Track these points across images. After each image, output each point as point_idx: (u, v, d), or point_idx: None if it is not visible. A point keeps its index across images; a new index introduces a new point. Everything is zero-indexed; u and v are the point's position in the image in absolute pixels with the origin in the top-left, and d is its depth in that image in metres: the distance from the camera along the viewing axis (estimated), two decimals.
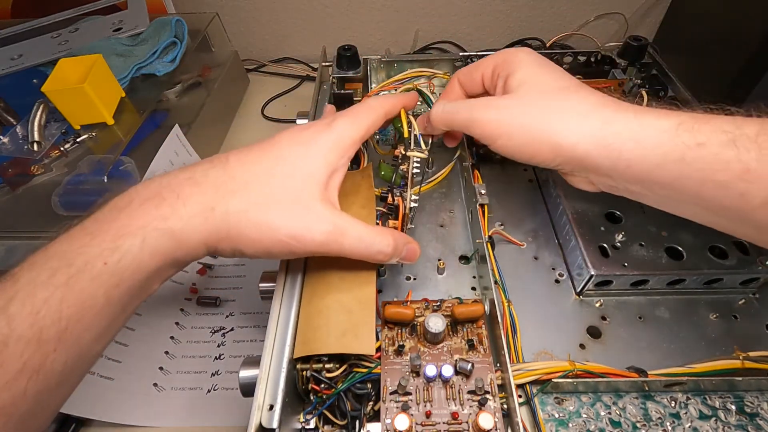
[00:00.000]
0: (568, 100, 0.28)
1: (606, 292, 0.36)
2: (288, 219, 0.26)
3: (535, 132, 0.28)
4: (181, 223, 0.24)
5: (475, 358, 0.28)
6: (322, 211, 0.27)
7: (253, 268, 0.50)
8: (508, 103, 0.30)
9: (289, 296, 0.29)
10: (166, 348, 0.44)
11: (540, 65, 0.31)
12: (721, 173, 0.23)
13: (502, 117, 0.30)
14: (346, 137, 0.29)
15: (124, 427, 0.38)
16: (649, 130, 0.26)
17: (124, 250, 0.23)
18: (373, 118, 0.31)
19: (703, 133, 0.24)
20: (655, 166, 0.25)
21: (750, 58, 0.48)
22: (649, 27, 0.70)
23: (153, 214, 0.24)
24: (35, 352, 0.20)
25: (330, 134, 0.29)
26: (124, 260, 0.23)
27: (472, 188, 0.39)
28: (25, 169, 0.48)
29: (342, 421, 0.27)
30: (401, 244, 0.29)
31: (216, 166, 0.27)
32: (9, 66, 0.58)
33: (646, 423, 0.29)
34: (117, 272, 0.22)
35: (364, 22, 0.73)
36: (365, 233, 0.27)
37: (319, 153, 0.28)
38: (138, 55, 0.57)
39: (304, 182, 0.27)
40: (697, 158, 0.24)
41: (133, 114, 0.54)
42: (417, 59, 0.49)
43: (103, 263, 0.22)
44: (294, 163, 0.27)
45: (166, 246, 0.24)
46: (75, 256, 0.22)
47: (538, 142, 0.28)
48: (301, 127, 0.30)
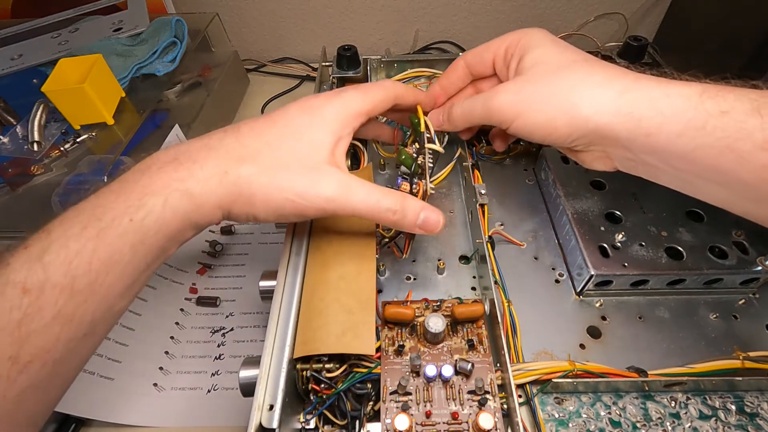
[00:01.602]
0: (583, 71, 0.28)
1: (606, 292, 0.36)
2: (295, 180, 0.27)
3: (551, 108, 0.28)
4: (198, 186, 0.26)
5: (475, 358, 0.28)
6: (329, 171, 0.28)
7: (253, 267, 0.50)
8: (521, 84, 0.30)
9: (289, 296, 0.29)
10: (166, 348, 0.44)
11: (553, 43, 0.30)
12: (742, 142, 0.23)
13: (518, 98, 0.29)
14: (351, 108, 0.30)
15: (124, 427, 0.38)
16: (672, 97, 0.25)
17: (148, 208, 0.24)
18: (382, 96, 0.32)
19: (728, 100, 0.23)
20: (675, 135, 0.24)
21: (750, 58, 0.48)
22: (649, 27, 0.70)
23: (172, 176, 0.25)
24: (68, 301, 0.22)
25: (336, 104, 0.30)
26: (149, 218, 0.24)
27: (472, 188, 0.39)
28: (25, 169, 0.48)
29: (342, 421, 0.27)
30: (412, 208, 0.29)
31: (229, 134, 0.28)
32: (9, 66, 0.58)
33: (646, 423, 0.29)
34: (142, 229, 0.24)
35: (364, 22, 0.73)
36: (373, 190, 0.28)
37: (324, 121, 0.29)
38: (138, 55, 0.57)
39: (310, 148, 0.28)
40: (719, 126, 0.23)
41: (133, 114, 0.54)
42: (417, 59, 0.49)
43: (129, 220, 0.24)
44: (300, 130, 0.29)
45: (186, 207, 0.25)
46: (103, 213, 0.23)
47: (554, 119, 0.28)
48: (310, 96, 0.31)
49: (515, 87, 0.30)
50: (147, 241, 0.24)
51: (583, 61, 0.29)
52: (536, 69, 0.30)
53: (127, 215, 0.24)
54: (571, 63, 0.29)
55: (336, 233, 0.33)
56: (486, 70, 0.35)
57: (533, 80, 0.29)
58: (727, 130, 0.23)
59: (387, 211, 0.28)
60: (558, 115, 0.28)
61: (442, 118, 0.35)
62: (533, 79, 0.29)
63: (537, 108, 0.28)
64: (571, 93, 0.27)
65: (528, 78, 0.30)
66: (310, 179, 0.27)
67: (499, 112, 0.30)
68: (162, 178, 0.25)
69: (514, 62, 0.31)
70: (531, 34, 0.31)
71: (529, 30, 0.32)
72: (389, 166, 0.45)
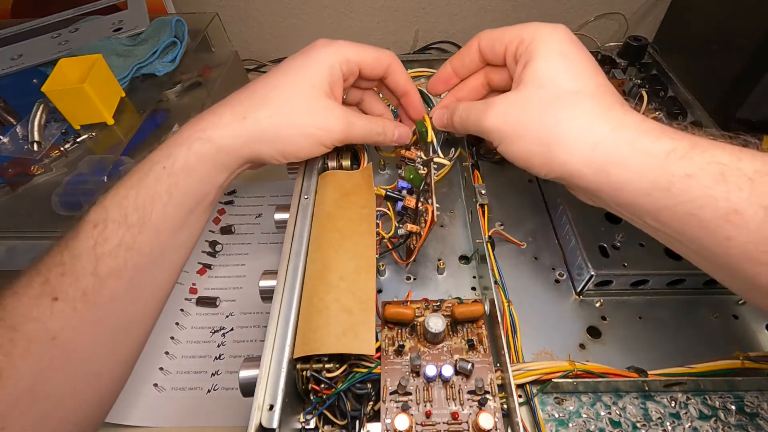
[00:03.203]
0: (572, 110, 0.27)
1: (606, 292, 0.36)
2: (312, 116, 0.32)
3: (530, 142, 0.28)
4: (218, 132, 0.30)
5: (475, 358, 0.28)
6: (334, 108, 0.33)
7: (253, 267, 0.50)
8: (511, 107, 0.29)
9: (289, 296, 0.29)
10: (166, 348, 0.44)
11: (563, 57, 0.29)
12: (705, 210, 0.21)
13: (505, 122, 0.29)
14: (341, 53, 0.33)
15: (124, 427, 0.38)
16: (638, 154, 0.24)
17: (174, 156, 0.29)
18: (374, 55, 0.35)
19: (696, 163, 0.22)
20: (643, 193, 0.24)
21: (750, 58, 0.48)
22: (649, 27, 0.70)
23: (195, 128, 0.31)
24: (126, 232, 0.27)
25: (329, 47, 0.33)
26: (177, 163, 0.29)
27: (472, 188, 0.39)
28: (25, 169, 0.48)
29: (342, 421, 0.27)
30: (390, 128, 0.36)
31: (240, 90, 0.33)
32: (9, 66, 0.58)
33: (646, 423, 0.29)
34: (173, 173, 0.29)
35: (364, 22, 0.73)
36: (366, 121, 0.35)
37: (317, 62, 0.33)
38: (138, 55, 0.57)
39: (311, 87, 0.32)
40: (684, 190, 0.22)
41: (133, 114, 0.54)
42: (417, 59, 0.50)
43: (162, 167, 0.29)
44: (299, 72, 0.33)
45: (209, 151, 0.30)
46: (143, 165, 0.29)
47: (531, 154, 0.28)
48: (307, 47, 0.35)
49: (505, 108, 0.29)
50: (180, 184, 0.29)
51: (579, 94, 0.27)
52: (531, 90, 0.29)
53: (160, 164, 0.29)
54: (567, 95, 0.28)
55: (336, 233, 0.33)
56: (497, 60, 0.33)
57: (523, 104, 0.29)
58: (692, 194, 0.22)
59: (376, 135, 0.35)
60: (535, 151, 0.28)
61: (446, 119, 0.35)
62: (524, 102, 0.29)
63: (519, 137, 0.28)
64: (551, 132, 0.27)
65: (520, 98, 0.29)
66: (323, 116, 0.32)
67: (488, 133, 0.30)
68: (187, 131, 0.31)
69: (520, 66, 0.30)
70: (545, 36, 0.29)
71: (546, 30, 0.30)
72: (389, 166, 0.45)
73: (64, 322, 0.26)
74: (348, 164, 0.39)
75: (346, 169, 0.39)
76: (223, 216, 0.55)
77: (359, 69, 0.35)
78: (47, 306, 0.25)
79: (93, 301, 0.26)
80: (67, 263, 0.26)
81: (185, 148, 0.30)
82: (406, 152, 0.39)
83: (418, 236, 0.35)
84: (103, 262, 0.27)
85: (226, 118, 0.31)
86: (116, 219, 0.28)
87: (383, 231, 0.35)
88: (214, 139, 0.30)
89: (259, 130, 0.31)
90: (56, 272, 0.26)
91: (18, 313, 0.25)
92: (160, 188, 0.29)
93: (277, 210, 0.36)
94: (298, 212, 0.34)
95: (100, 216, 0.28)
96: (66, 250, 0.27)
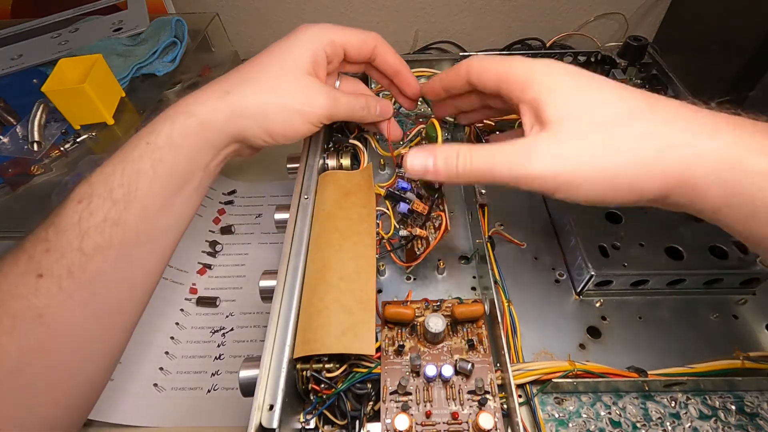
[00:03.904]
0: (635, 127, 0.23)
1: (606, 292, 0.36)
2: (296, 94, 0.32)
3: (607, 178, 0.24)
4: (202, 107, 0.30)
5: (475, 358, 0.28)
6: (318, 85, 0.33)
7: (253, 267, 0.50)
8: (562, 146, 0.24)
9: (289, 296, 0.29)
10: (166, 348, 0.44)
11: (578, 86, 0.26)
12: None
13: (564, 165, 0.24)
14: (325, 34, 0.33)
15: (124, 427, 0.38)
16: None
17: (158, 131, 0.29)
18: (360, 36, 0.35)
19: None
20: None
21: (750, 58, 0.48)
22: (649, 27, 0.70)
23: (180, 104, 0.31)
24: (111, 207, 0.27)
25: (313, 28, 0.34)
26: (160, 139, 0.29)
27: (472, 188, 0.39)
28: (25, 169, 0.48)
29: (342, 421, 0.27)
30: (372, 104, 0.36)
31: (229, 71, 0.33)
32: (9, 66, 0.58)
33: (646, 423, 0.29)
34: (157, 149, 0.29)
35: (364, 22, 0.73)
36: (349, 99, 0.35)
37: (302, 41, 0.33)
38: (138, 55, 0.57)
39: (295, 66, 0.32)
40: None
41: (133, 114, 0.54)
42: (417, 59, 0.49)
43: (146, 143, 0.29)
44: (283, 51, 0.33)
45: (192, 127, 0.30)
46: (129, 143, 0.29)
47: (613, 188, 0.24)
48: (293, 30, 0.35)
49: (557, 150, 0.25)
50: (165, 160, 0.29)
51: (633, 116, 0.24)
52: (569, 126, 0.25)
53: (144, 139, 0.29)
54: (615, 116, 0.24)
55: (336, 233, 0.33)
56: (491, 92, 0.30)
57: (573, 140, 0.24)
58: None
59: (360, 110, 0.35)
60: (620, 183, 0.24)
61: (431, 166, 0.28)
62: (572, 138, 0.24)
63: (586, 179, 0.24)
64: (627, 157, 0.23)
65: (565, 135, 0.25)
66: (308, 94, 0.32)
67: (542, 183, 0.25)
68: (172, 108, 0.31)
69: (530, 111, 0.26)
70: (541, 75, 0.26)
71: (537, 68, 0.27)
72: (389, 166, 0.45)
73: (50, 299, 0.25)
74: (348, 164, 0.39)
75: (346, 169, 0.39)
76: (223, 216, 0.55)
77: (344, 51, 0.34)
78: (32, 283, 0.25)
79: (79, 278, 0.26)
80: (52, 239, 0.26)
81: (169, 123, 0.30)
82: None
83: (425, 240, 0.35)
84: (89, 237, 0.26)
85: (209, 93, 0.31)
86: (101, 194, 0.27)
87: (382, 231, 0.35)
88: (197, 114, 0.30)
89: (242, 106, 0.31)
90: (41, 248, 0.26)
91: (3, 290, 0.25)
92: (144, 163, 0.28)
93: (277, 210, 0.36)
94: (298, 212, 0.34)
95: (86, 191, 0.27)
96: (51, 226, 0.27)
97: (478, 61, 0.30)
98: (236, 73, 0.33)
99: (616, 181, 0.24)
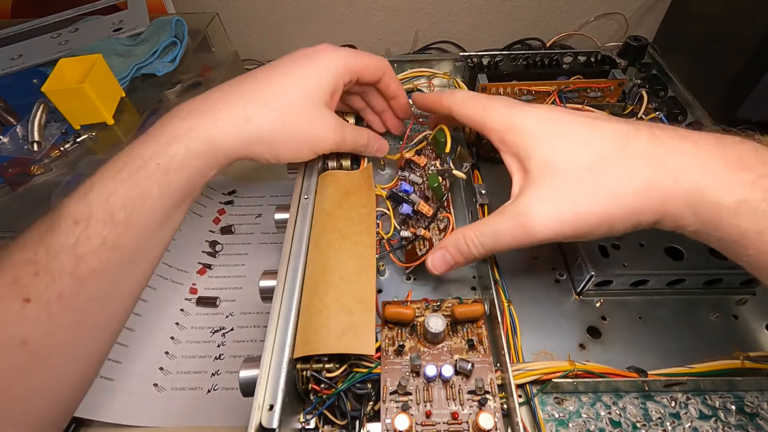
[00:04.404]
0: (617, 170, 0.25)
1: (606, 292, 0.36)
2: (310, 124, 0.33)
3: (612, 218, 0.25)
4: (220, 132, 0.30)
5: (475, 358, 0.28)
6: (331, 118, 0.34)
7: (253, 267, 0.50)
8: (553, 205, 0.26)
9: (289, 296, 0.29)
10: (166, 348, 0.44)
11: (555, 136, 0.27)
12: None
13: (560, 221, 0.26)
14: (343, 62, 0.34)
15: (124, 427, 0.38)
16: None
17: (171, 153, 0.28)
18: (374, 63, 0.36)
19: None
20: None
21: (750, 58, 0.48)
22: (649, 27, 0.70)
23: (194, 124, 0.30)
24: (111, 231, 0.26)
25: (330, 55, 0.34)
26: (173, 162, 0.28)
27: (472, 188, 0.39)
28: (25, 169, 0.48)
29: (342, 421, 0.27)
30: (373, 140, 0.38)
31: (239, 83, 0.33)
32: (9, 66, 0.58)
33: (646, 423, 0.29)
34: (167, 171, 0.28)
35: (364, 22, 0.73)
36: (355, 132, 0.36)
37: (319, 70, 0.33)
38: (138, 55, 0.57)
39: (309, 95, 0.33)
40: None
41: (133, 114, 0.54)
42: (417, 59, 0.49)
43: (157, 164, 0.28)
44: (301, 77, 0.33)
45: (206, 150, 0.30)
46: (134, 159, 0.28)
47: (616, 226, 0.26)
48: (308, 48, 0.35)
49: (548, 209, 0.26)
50: (173, 181, 0.29)
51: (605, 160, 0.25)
52: (555, 180, 0.26)
53: (154, 160, 0.28)
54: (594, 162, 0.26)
55: (336, 233, 0.33)
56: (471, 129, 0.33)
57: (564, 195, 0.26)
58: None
59: (361, 146, 0.37)
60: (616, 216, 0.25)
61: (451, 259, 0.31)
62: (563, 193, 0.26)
63: (590, 230, 0.26)
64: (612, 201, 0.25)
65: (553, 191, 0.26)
66: (319, 125, 0.33)
67: (545, 241, 0.27)
68: (184, 126, 0.29)
69: (513, 161, 0.29)
70: (518, 126, 0.28)
71: (514, 119, 0.28)
72: (389, 166, 0.45)
73: (36, 325, 0.24)
74: (348, 164, 0.39)
75: (346, 169, 0.39)
76: (223, 216, 0.55)
77: (358, 76, 0.36)
78: (17, 308, 0.24)
79: (69, 303, 0.25)
80: (42, 261, 0.24)
81: (183, 146, 0.29)
82: (416, 157, 0.39)
83: (428, 242, 0.35)
84: (84, 262, 0.25)
85: (224, 114, 0.31)
86: (101, 216, 0.26)
87: (382, 231, 0.36)
88: (213, 139, 0.30)
89: (258, 133, 0.31)
90: (29, 270, 0.24)
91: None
92: (152, 185, 0.28)
93: (277, 210, 0.36)
94: (298, 212, 0.34)
95: (83, 211, 0.26)
96: (41, 246, 0.25)
97: (460, 101, 0.32)
98: (256, 91, 0.32)
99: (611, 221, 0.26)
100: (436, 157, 0.40)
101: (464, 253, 0.30)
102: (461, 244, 0.29)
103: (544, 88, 0.44)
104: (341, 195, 0.36)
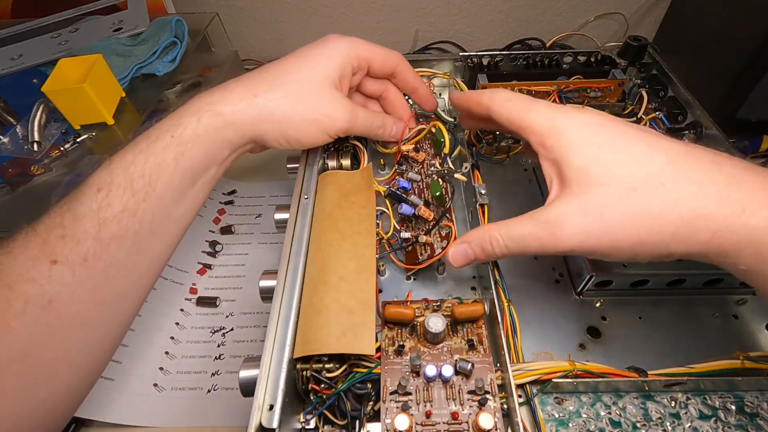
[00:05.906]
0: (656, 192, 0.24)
1: (606, 292, 0.36)
2: (320, 104, 0.33)
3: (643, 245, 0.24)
4: (228, 107, 0.31)
5: (475, 358, 0.28)
6: (341, 98, 0.34)
7: (253, 267, 0.50)
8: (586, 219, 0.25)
9: (289, 296, 0.29)
10: (166, 348, 0.44)
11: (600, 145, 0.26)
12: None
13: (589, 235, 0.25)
14: (355, 49, 0.35)
15: (124, 427, 0.38)
16: None
17: (184, 125, 0.30)
18: (384, 55, 0.36)
19: None
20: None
21: (750, 58, 0.48)
22: (649, 27, 0.70)
23: (206, 100, 0.31)
24: (130, 198, 0.28)
25: (343, 41, 0.35)
26: (185, 133, 0.30)
27: (472, 188, 0.39)
28: (25, 169, 0.48)
29: (342, 421, 0.27)
30: (390, 124, 0.38)
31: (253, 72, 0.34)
32: (9, 66, 0.58)
33: (646, 423, 0.29)
34: (181, 143, 0.29)
35: (364, 22, 0.73)
36: (368, 116, 0.36)
37: (332, 53, 0.34)
38: (138, 55, 0.57)
39: (323, 76, 0.33)
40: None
41: (133, 114, 0.54)
42: (417, 59, 0.49)
43: (171, 136, 0.29)
44: (313, 59, 0.34)
45: (217, 124, 0.31)
46: (152, 132, 0.30)
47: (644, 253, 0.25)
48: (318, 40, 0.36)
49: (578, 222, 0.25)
50: (186, 153, 0.29)
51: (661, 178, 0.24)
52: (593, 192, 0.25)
53: (169, 132, 0.29)
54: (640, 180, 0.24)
55: (336, 233, 0.33)
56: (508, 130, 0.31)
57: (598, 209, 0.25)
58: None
59: (377, 128, 0.37)
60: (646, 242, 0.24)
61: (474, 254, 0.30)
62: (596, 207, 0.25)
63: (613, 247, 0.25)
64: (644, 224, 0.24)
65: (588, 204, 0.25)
66: (331, 105, 0.33)
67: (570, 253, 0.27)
68: (197, 102, 0.31)
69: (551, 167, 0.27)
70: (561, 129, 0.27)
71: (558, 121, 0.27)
72: (389, 166, 0.45)
73: (62, 286, 0.25)
74: (348, 164, 0.39)
75: (346, 169, 0.39)
76: (223, 216, 0.55)
77: (368, 66, 0.36)
78: (45, 268, 0.25)
79: (93, 266, 0.26)
80: (68, 225, 0.26)
81: (195, 119, 0.30)
82: (413, 153, 0.39)
83: (429, 247, 0.35)
84: (106, 227, 0.27)
85: (237, 94, 0.32)
86: (122, 184, 0.27)
87: (382, 231, 0.35)
88: (224, 113, 0.31)
89: (268, 110, 0.32)
90: (56, 234, 0.26)
91: (14, 273, 0.25)
92: (167, 156, 0.29)
93: (277, 210, 0.36)
94: (298, 212, 0.34)
95: (105, 179, 0.27)
96: (68, 212, 0.26)
97: (501, 101, 0.30)
98: (263, 76, 0.33)
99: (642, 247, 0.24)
100: (434, 155, 0.40)
101: (487, 251, 0.29)
102: (486, 242, 0.29)
103: (544, 88, 0.44)
104: (341, 195, 0.36)
